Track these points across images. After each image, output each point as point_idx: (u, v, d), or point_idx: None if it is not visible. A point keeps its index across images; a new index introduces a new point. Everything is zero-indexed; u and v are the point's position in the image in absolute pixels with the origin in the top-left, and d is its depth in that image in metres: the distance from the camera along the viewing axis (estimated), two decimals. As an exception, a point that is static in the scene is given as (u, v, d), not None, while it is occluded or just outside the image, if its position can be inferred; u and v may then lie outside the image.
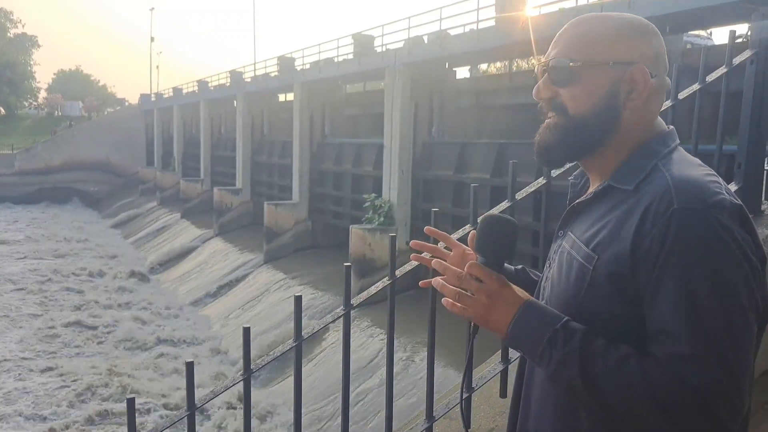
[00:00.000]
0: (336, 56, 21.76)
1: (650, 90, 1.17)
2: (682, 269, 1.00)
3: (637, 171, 1.13)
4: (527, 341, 1.10)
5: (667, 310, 1.00)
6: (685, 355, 0.97)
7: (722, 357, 0.96)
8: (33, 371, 14.79)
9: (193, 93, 34.85)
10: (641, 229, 1.04)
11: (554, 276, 1.22)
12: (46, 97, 69.07)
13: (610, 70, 1.16)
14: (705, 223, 1.00)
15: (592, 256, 1.10)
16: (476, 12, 15.49)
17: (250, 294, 18.63)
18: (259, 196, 25.50)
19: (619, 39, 1.18)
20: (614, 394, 1.01)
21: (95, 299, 20.35)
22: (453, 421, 1.96)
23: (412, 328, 11.87)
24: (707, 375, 0.96)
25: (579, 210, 1.22)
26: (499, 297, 1.13)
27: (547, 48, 1.27)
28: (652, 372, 0.98)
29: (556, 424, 1.16)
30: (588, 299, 1.10)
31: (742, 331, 0.99)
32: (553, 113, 1.22)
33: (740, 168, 2.34)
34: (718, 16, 10.52)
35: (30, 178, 41.67)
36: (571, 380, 1.04)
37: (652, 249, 1.02)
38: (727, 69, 2.26)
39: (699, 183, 1.05)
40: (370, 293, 1.72)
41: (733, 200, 1.04)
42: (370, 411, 10.70)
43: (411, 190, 16.44)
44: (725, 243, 1.00)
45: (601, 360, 1.02)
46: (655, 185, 1.08)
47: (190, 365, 1.45)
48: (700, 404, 0.96)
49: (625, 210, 1.09)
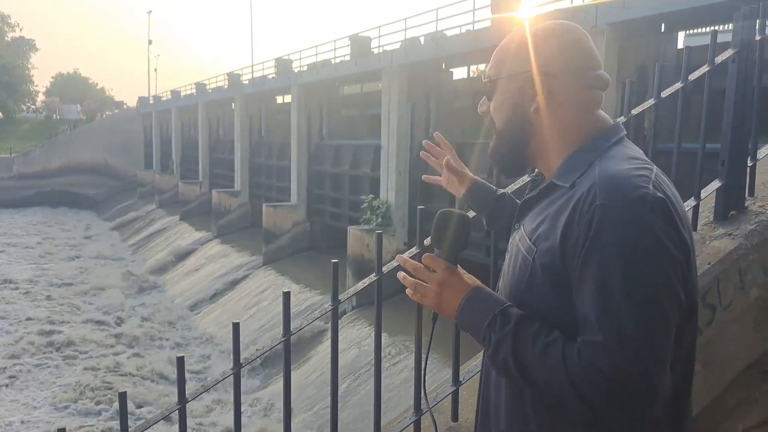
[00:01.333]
0: (333, 58, 21.82)
1: (560, 90, 1.22)
2: (600, 262, 1.05)
3: (575, 168, 1.19)
4: (472, 324, 1.19)
5: (586, 300, 1.06)
6: (598, 342, 1.03)
7: (630, 346, 1.01)
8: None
9: (191, 95, 34.89)
10: (570, 224, 1.10)
11: (506, 267, 1.30)
12: (44, 101, 68.98)
13: (510, 81, 1.26)
14: (623, 219, 1.05)
15: (533, 249, 1.17)
16: (472, 13, 15.55)
17: (249, 295, 18.66)
18: (258, 198, 25.55)
19: (519, 50, 1.26)
20: (540, 377, 1.08)
21: (92, 300, 20.38)
22: (441, 414, 2.00)
23: (403, 328, 11.90)
24: (615, 362, 1.01)
25: (528, 205, 1.30)
26: (448, 285, 1.22)
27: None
28: (571, 357, 1.04)
29: (508, 407, 1.24)
30: (529, 289, 1.17)
31: (654, 322, 1.03)
32: (492, 127, 1.34)
33: (723, 165, 2.38)
34: (710, 15, 10.57)
35: (28, 181, 41.67)
36: (505, 362, 1.12)
37: (577, 243, 1.08)
38: (710, 68, 2.30)
39: (622, 178, 1.09)
40: (357, 289, 1.76)
41: (657, 194, 1.08)
42: (361, 406, 10.73)
43: (408, 190, 16.48)
44: (642, 237, 1.04)
45: (531, 344, 1.09)
46: (586, 181, 1.13)
47: (180, 360, 1.49)
48: (608, 390, 1.01)
49: (560, 205, 1.16)
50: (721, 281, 2.17)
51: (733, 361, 2.26)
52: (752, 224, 2.31)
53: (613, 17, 10.84)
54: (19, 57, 62.30)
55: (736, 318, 2.22)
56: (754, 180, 2.46)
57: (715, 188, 2.38)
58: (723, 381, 2.24)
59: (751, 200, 2.44)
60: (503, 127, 1.29)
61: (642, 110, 2.25)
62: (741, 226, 2.31)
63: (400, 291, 6.56)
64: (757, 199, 2.45)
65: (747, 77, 2.30)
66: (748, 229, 2.29)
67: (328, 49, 22.15)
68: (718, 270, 2.17)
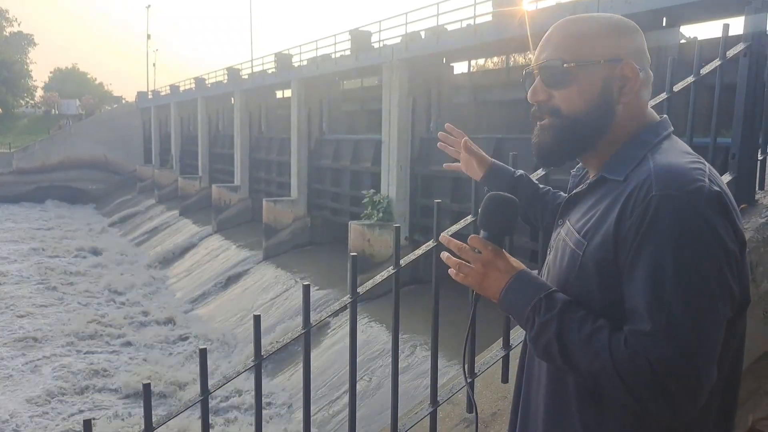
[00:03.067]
0: (333, 52, 21.75)
1: (643, 83, 1.23)
2: (654, 252, 1.05)
3: (628, 162, 1.18)
4: (515, 307, 1.19)
5: (637, 290, 1.06)
6: (646, 332, 1.03)
7: (680, 338, 1.01)
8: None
9: (191, 90, 34.79)
10: (623, 215, 1.10)
11: (551, 262, 1.29)
12: (43, 96, 68.83)
13: (601, 69, 1.21)
14: (680, 210, 1.05)
15: (582, 243, 1.17)
16: (473, 7, 15.51)
17: (250, 290, 18.68)
18: (258, 193, 25.52)
19: (607, 37, 1.22)
20: (583, 362, 1.08)
21: (92, 298, 20.39)
22: (456, 406, 2.01)
23: (412, 322, 11.92)
24: (663, 353, 1.01)
25: (576, 200, 1.28)
26: (494, 266, 1.22)
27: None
28: (617, 345, 1.05)
29: (549, 392, 1.24)
30: (577, 283, 1.17)
31: (705, 315, 1.03)
32: (546, 115, 1.27)
33: (734, 159, 2.39)
34: (713, 9, 10.56)
35: (28, 177, 41.60)
36: (548, 344, 1.13)
37: (630, 233, 1.08)
38: (721, 61, 2.31)
39: (679, 170, 1.10)
40: (375, 282, 1.77)
41: (713, 187, 1.08)
42: (374, 400, 10.77)
43: (409, 185, 16.47)
44: (698, 229, 1.04)
45: (577, 329, 1.09)
46: (640, 173, 1.13)
47: (203, 352, 1.50)
48: (654, 380, 1.01)
49: (613, 198, 1.15)
50: (732, 274, 2.18)
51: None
52: (763, 217, 2.32)
53: (615, 11, 10.80)
54: (17, 52, 62.18)
55: (747, 310, 2.23)
56: (765, 173, 2.47)
57: (726, 182, 2.39)
58: (734, 373, 2.26)
59: (762, 193, 2.45)
60: (582, 115, 1.23)
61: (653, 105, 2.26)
62: (752, 220, 2.32)
63: (404, 285, 6.70)
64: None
65: (758, 71, 2.31)
66: (759, 222, 2.30)
67: (329, 44, 22.09)
68: (730, 263, 2.19)
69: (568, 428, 1.19)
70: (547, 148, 1.28)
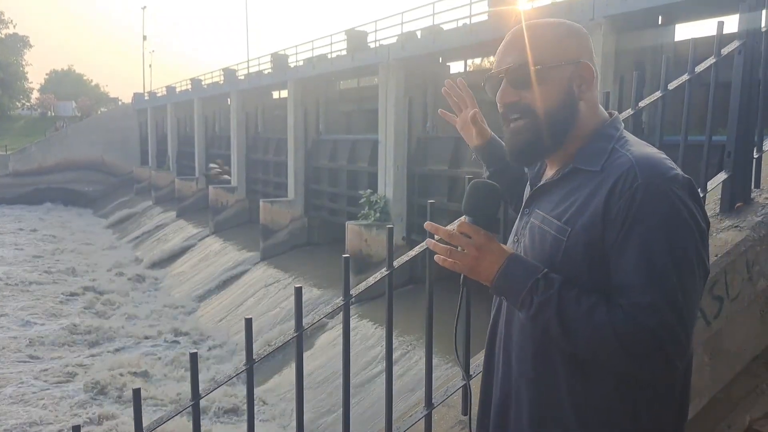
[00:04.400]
0: (329, 53, 21.74)
1: (596, 79, 1.35)
2: (644, 233, 1.17)
3: (599, 153, 1.29)
4: (511, 288, 1.26)
5: (630, 267, 1.17)
6: (645, 303, 1.14)
7: (675, 306, 1.14)
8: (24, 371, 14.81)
9: (187, 91, 34.75)
10: (610, 201, 1.21)
11: (526, 249, 1.36)
12: (39, 98, 68.67)
13: (564, 69, 1.32)
14: (664, 195, 1.18)
15: (565, 229, 1.26)
16: (469, 6, 15.51)
17: (247, 291, 18.65)
18: (255, 194, 25.49)
19: (567, 41, 1.34)
20: (584, 336, 1.18)
21: (90, 299, 20.33)
22: (451, 408, 2.00)
23: (407, 323, 11.91)
24: (663, 320, 1.13)
25: (545, 190, 1.37)
26: (487, 250, 1.27)
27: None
28: (617, 318, 1.15)
29: (536, 366, 1.31)
30: (562, 266, 1.25)
31: (691, 285, 1.17)
32: (517, 116, 1.36)
33: (730, 157, 2.38)
34: (708, 7, 10.57)
35: (24, 179, 41.51)
36: (548, 322, 1.21)
37: (618, 216, 1.19)
38: (716, 59, 2.30)
39: (657, 161, 1.23)
40: (369, 284, 1.75)
41: (684, 175, 1.22)
42: (368, 402, 10.75)
43: (406, 185, 16.46)
44: (680, 212, 1.18)
45: (575, 306, 1.19)
46: (619, 164, 1.24)
47: (193, 356, 1.48)
48: (656, 344, 1.13)
49: (592, 187, 1.25)
50: (728, 273, 2.17)
51: (740, 353, 2.27)
52: (759, 216, 2.31)
53: (611, 10, 10.82)
54: (13, 54, 61.94)
55: (743, 309, 2.22)
56: (760, 171, 2.46)
57: (721, 180, 2.38)
58: (731, 372, 2.25)
59: (757, 192, 2.44)
60: (550, 114, 1.32)
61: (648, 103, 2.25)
62: (748, 218, 2.31)
63: (400, 286, 6.68)
64: (763, 190, 2.45)
65: (753, 69, 2.29)
66: (755, 220, 2.29)
67: (325, 44, 22.07)
68: (726, 262, 2.17)
69: (555, 395, 1.27)
70: (527, 147, 1.36)
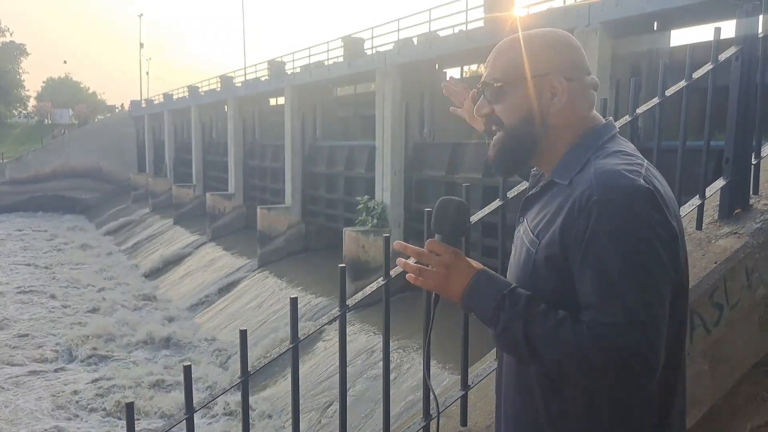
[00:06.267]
0: (326, 59, 21.76)
1: (572, 92, 1.31)
2: (600, 252, 1.15)
3: (572, 166, 1.29)
4: (479, 305, 1.26)
5: (589, 285, 1.17)
6: (607, 322, 1.13)
7: (637, 323, 1.12)
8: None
9: (184, 98, 34.74)
10: (569, 219, 1.20)
11: (512, 258, 1.40)
12: (36, 105, 68.60)
13: (529, 83, 1.32)
14: (619, 209, 1.15)
15: (536, 241, 1.28)
16: (465, 13, 15.55)
17: (245, 298, 18.58)
18: (252, 200, 25.44)
19: (534, 55, 1.33)
20: (550, 352, 1.17)
21: (88, 306, 20.26)
22: (449, 419, 1.97)
23: (405, 329, 11.87)
24: (626, 337, 1.11)
25: (531, 200, 1.39)
26: (455, 267, 1.28)
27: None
28: (582, 335, 1.14)
29: (517, 382, 1.33)
30: (533, 278, 1.26)
31: (654, 300, 1.14)
32: (495, 127, 1.38)
33: (728, 163, 2.37)
34: (704, 13, 10.60)
35: (21, 186, 41.39)
36: (514, 339, 1.20)
37: (578, 235, 1.18)
38: (713, 65, 2.29)
39: (615, 174, 1.20)
40: (365, 293, 1.73)
41: (646, 186, 1.18)
42: (365, 411, 10.70)
43: (404, 191, 16.45)
44: (636, 225, 1.15)
45: (541, 322, 1.18)
46: (583, 179, 1.23)
47: (187, 369, 1.46)
48: (621, 362, 1.12)
49: (561, 201, 1.26)
50: (727, 280, 2.15)
51: (740, 360, 2.25)
52: (758, 222, 2.30)
53: (606, 16, 10.85)
54: (9, 62, 61.89)
55: (743, 317, 2.21)
56: (759, 178, 2.45)
57: (720, 186, 2.36)
58: (731, 379, 2.23)
59: (756, 198, 2.43)
60: (516, 128, 1.34)
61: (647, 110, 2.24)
62: (746, 225, 2.30)
63: (397, 293, 6.64)
64: (762, 197, 2.44)
65: (750, 74, 2.29)
66: (754, 227, 2.28)
67: (321, 51, 22.11)
68: (725, 269, 2.16)
69: (533, 414, 1.29)
70: (498, 158, 1.38)
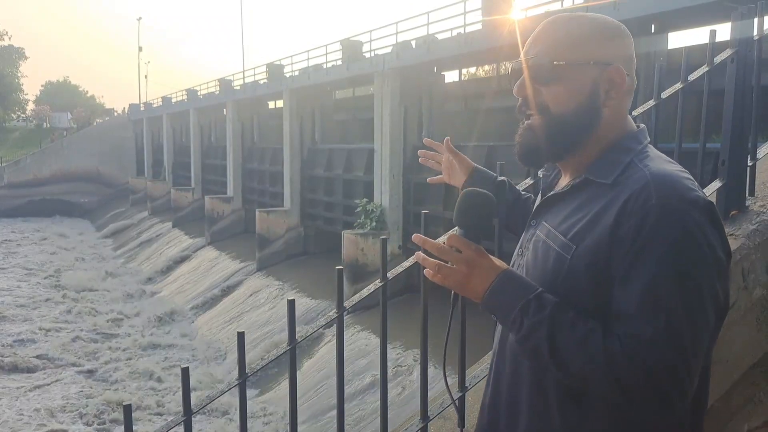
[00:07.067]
0: (325, 62, 21.78)
1: (628, 88, 1.23)
2: (654, 260, 1.05)
3: (614, 166, 1.18)
4: (501, 307, 1.16)
5: (634, 295, 1.06)
6: (646, 338, 1.03)
7: (678, 344, 1.03)
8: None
9: (183, 102, 34.75)
10: (620, 220, 1.09)
11: (529, 263, 1.26)
12: (34, 109, 68.56)
13: (591, 70, 1.20)
14: (679, 220, 1.06)
15: (570, 246, 1.16)
16: (463, 16, 15.57)
17: (244, 301, 18.58)
18: (251, 204, 25.45)
19: (598, 40, 1.22)
20: (576, 364, 1.07)
21: (87, 311, 20.23)
22: (447, 420, 1.98)
23: (403, 332, 11.87)
24: (663, 358, 1.02)
25: (553, 201, 1.27)
26: (477, 265, 1.18)
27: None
28: (614, 350, 1.04)
29: (530, 394, 1.22)
30: (565, 285, 1.15)
31: (699, 323, 1.05)
32: (533, 112, 1.25)
33: (724, 165, 2.38)
34: (701, 16, 10.63)
35: (19, 190, 41.37)
36: (538, 346, 1.11)
37: (627, 238, 1.08)
38: (709, 68, 2.30)
39: (675, 179, 1.11)
40: (362, 296, 1.74)
41: (706, 198, 1.10)
42: (364, 413, 10.70)
43: (402, 193, 16.47)
44: (696, 240, 1.06)
45: (569, 331, 1.08)
46: (634, 180, 1.12)
47: (185, 371, 1.47)
48: (653, 384, 1.03)
49: (603, 203, 1.14)
50: (724, 281, 2.16)
51: (737, 361, 2.26)
52: (754, 224, 2.31)
53: (604, 18, 10.87)
54: (8, 66, 61.88)
55: (739, 318, 2.21)
56: (755, 179, 2.45)
57: (716, 188, 2.37)
58: (728, 381, 2.23)
59: (752, 200, 2.43)
60: (565, 116, 1.22)
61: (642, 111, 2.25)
62: (743, 226, 2.30)
63: (396, 295, 6.65)
64: (758, 198, 2.45)
65: (746, 76, 2.30)
66: (750, 228, 2.29)
67: (320, 54, 22.12)
68: (721, 270, 2.17)
69: (550, 427, 1.19)
70: (533, 147, 1.26)
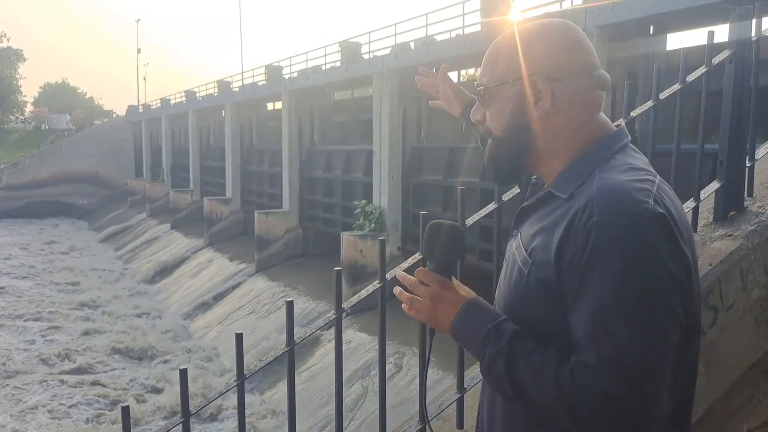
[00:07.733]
0: (323, 64, 21.79)
1: (562, 94, 1.16)
2: (596, 282, 1.01)
3: (574, 178, 1.14)
4: (465, 338, 1.17)
5: (581, 321, 1.02)
6: (592, 365, 0.99)
7: (626, 370, 0.98)
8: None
9: (181, 103, 34.75)
10: (565, 240, 1.06)
11: (502, 276, 1.26)
12: (33, 111, 68.53)
13: (512, 86, 1.18)
14: (621, 237, 1.00)
15: (528, 261, 1.14)
16: (462, 17, 15.60)
17: (243, 303, 18.57)
18: (250, 205, 25.44)
19: (522, 55, 1.18)
20: (533, 395, 1.06)
21: (85, 312, 20.21)
22: (446, 421, 1.98)
23: (402, 334, 11.85)
24: (610, 385, 0.98)
25: (526, 212, 1.25)
26: (442, 299, 1.18)
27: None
28: (564, 378, 1.01)
29: (503, 419, 1.22)
30: (525, 302, 1.14)
31: (653, 345, 0.99)
32: (487, 134, 1.26)
33: (722, 165, 2.38)
34: (700, 17, 10.65)
35: (18, 192, 41.32)
36: (499, 377, 1.10)
37: (573, 260, 1.04)
38: (707, 69, 2.30)
39: (621, 192, 1.04)
40: (361, 297, 1.74)
41: (657, 209, 1.03)
42: (363, 414, 10.69)
43: (401, 195, 16.48)
44: (641, 256, 0.99)
45: (525, 362, 1.06)
46: (584, 194, 1.08)
47: (183, 372, 1.46)
48: (606, 413, 0.99)
49: (557, 217, 1.11)
50: (722, 282, 2.16)
51: (736, 362, 2.26)
52: (752, 224, 2.31)
53: (603, 20, 10.89)
54: (6, 67, 61.85)
55: (738, 319, 2.21)
56: (753, 180, 2.46)
57: (714, 189, 2.37)
58: (727, 382, 2.24)
59: (750, 200, 2.44)
60: (503, 134, 1.21)
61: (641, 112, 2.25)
62: (741, 227, 2.31)
63: (395, 296, 6.51)
64: (756, 199, 2.45)
65: (744, 77, 2.30)
66: (749, 229, 2.29)
67: (319, 56, 22.14)
68: (720, 271, 2.17)
69: None
70: (488, 167, 1.27)
